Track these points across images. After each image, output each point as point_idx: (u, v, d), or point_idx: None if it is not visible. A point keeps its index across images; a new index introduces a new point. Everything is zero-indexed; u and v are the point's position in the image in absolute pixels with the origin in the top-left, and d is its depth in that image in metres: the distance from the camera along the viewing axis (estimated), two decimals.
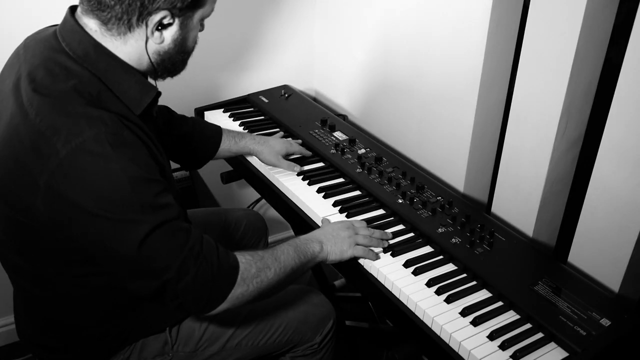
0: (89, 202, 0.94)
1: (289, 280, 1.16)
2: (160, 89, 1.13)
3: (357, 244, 1.26)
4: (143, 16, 1.00)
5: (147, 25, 1.01)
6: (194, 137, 1.54)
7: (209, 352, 1.29)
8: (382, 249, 1.29)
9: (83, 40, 1.02)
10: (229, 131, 1.62)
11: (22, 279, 1.16)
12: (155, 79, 1.15)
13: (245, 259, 1.08)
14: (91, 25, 1.03)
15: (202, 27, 1.14)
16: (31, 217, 1.00)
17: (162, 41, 1.05)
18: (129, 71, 1.06)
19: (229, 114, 1.89)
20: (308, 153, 1.66)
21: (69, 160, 0.93)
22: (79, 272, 1.08)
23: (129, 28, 1.01)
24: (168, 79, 1.17)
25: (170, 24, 1.04)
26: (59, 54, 1.03)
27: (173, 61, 1.11)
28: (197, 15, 1.08)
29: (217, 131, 1.58)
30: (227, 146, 1.59)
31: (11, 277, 1.19)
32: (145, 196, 0.97)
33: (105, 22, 1.01)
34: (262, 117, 1.89)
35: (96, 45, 1.03)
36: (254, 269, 1.08)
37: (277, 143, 1.61)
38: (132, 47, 1.04)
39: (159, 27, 1.03)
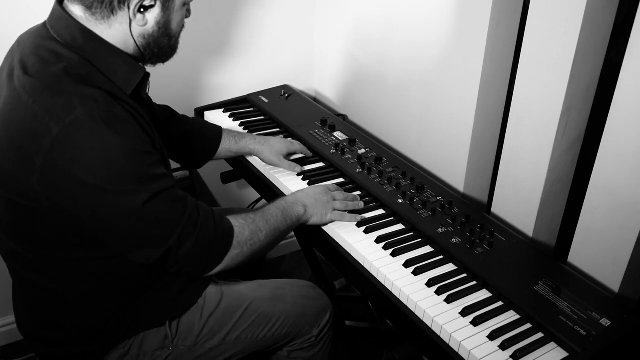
0: (86, 177, 0.96)
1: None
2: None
3: (335, 209, 1.35)
4: None
5: (128, 8, 1.04)
6: (194, 136, 1.55)
7: (209, 346, 1.30)
8: (358, 219, 1.37)
9: (70, 26, 1.05)
10: (230, 131, 1.62)
11: (21, 268, 1.16)
12: (144, 64, 1.17)
13: (238, 223, 1.16)
14: (77, 12, 1.06)
15: (188, 12, 1.17)
16: (30, 199, 1.02)
17: (146, 24, 1.08)
18: (117, 53, 1.08)
19: (229, 114, 1.89)
20: (310, 153, 1.66)
21: (63, 138, 0.95)
22: (78, 256, 1.10)
23: (112, 11, 1.04)
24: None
25: (152, 6, 1.06)
26: (48, 41, 1.06)
27: (159, 45, 1.13)
28: None
29: (217, 131, 1.59)
30: (227, 146, 1.59)
31: (10, 267, 1.20)
32: (140, 167, 1.00)
33: (89, 7, 1.04)
34: (262, 117, 1.89)
35: (83, 30, 1.05)
36: (247, 232, 1.16)
37: (278, 142, 1.61)
38: (117, 30, 1.06)
39: (141, 10, 1.06)
